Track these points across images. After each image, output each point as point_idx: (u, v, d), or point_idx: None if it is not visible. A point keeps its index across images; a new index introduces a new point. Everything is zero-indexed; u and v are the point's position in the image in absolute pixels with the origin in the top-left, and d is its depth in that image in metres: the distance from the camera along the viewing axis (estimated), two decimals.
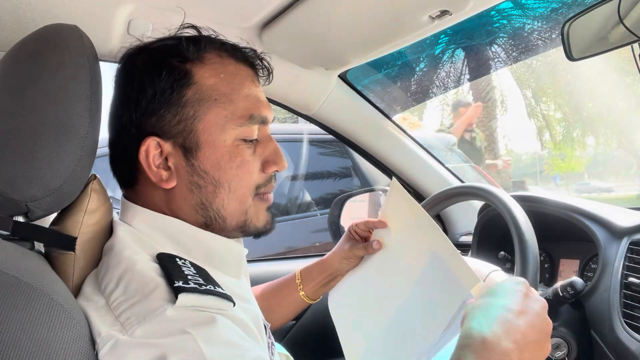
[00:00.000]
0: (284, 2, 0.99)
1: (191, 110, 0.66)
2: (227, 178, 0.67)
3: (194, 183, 0.67)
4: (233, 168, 0.67)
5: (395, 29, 1.06)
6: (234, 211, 0.69)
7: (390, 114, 1.51)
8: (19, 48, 0.67)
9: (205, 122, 0.66)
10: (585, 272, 1.13)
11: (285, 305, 1.01)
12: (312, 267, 1.01)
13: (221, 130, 0.67)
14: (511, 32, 8.33)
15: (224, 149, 0.67)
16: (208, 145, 0.66)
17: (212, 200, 0.68)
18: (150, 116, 0.66)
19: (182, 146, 0.66)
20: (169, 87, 0.65)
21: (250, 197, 0.70)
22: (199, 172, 0.67)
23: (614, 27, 0.90)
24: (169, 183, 0.67)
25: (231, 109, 0.67)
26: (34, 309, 0.52)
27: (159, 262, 0.60)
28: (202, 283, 0.58)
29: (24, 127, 0.60)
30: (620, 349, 0.86)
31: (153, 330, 0.52)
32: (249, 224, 0.71)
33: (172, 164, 0.67)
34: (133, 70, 0.68)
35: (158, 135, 0.66)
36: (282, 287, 1.02)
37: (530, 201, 1.12)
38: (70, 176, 0.62)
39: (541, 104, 10.77)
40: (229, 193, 0.68)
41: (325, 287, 1.01)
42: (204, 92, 0.66)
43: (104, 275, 0.61)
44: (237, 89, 0.68)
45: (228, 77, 0.68)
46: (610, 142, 10.75)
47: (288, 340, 1.40)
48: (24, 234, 0.64)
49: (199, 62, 0.67)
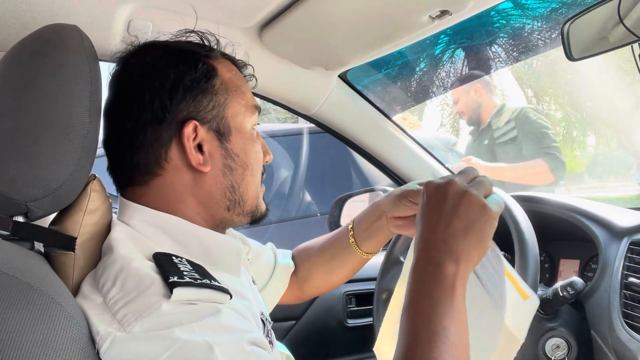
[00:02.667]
0: (284, 2, 0.99)
1: (222, 98, 0.71)
2: (251, 162, 0.74)
3: (227, 166, 0.72)
4: (255, 152, 0.75)
5: (395, 29, 1.06)
6: (252, 195, 0.75)
7: (390, 114, 1.51)
8: (19, 48, 0.67)
9: (232, 109, 0.72)
10: (585, 272, 1.13)
11: (341, 261, 0.97)
12: (366, 213, 0.95)
13: (243, 117, 0.73)
14: (511, 32, 8.32)
15: (247, 134, 0.74)
16: (236, 131, 0.72)
17: (241, 183, 0.73)
18: (187, 103, 0.69)
19: (217, 131, 0.71)
20: (203, 77, 0.70)
21: (260, 182, 0.77)
22: (232, 155, 0.72)
23: (614, 27, 0.90)
24: (205, 167, 0.70)
25: (245, 100, 0.74)
26: (34, 309, 0.52)
27: (155, 261, 0.60)
28: (198, 277, 0.58)
29: (24, 127, 0.60)
30: (620, 349, 0.86)
31: (150, 325, 0.53)
32: (258, 209, 0.77)
33: (206, 149, 0.69)
34: (163, 61, 0.70)
35: (196, 120, 0.69)
36: (335, 243, 0.97)
37: (530, 201, 1.12)
38: (70, 176, 0.62)
39: (541, 103, 10.77)
40: (252, 177, 0.74)
41: (379, 241, 0.94)
42: (226, 83, 0.73)
43: (101, 274, 0.61)
44: (242, 84, 0.76)
45: (236, 73, 0.76)
46: (610, 142, 10.74)
47: (288, 340, 1.40)
48: (23, 234, 0.64)
49: (215, 59, 0.74)
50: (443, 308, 0.54)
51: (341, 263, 0.97)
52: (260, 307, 0.76)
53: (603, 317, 0.92)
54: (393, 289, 1.15)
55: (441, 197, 0.61)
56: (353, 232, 0.95)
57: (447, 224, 0.59)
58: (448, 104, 10.96)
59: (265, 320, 0.74)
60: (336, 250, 0.97)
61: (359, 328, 1.49)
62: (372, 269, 1.25)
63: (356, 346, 1.48)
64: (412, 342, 0.53)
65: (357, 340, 1.48)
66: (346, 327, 1.49)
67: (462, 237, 0.58)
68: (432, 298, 0.55)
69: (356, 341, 1.48)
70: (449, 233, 0.58)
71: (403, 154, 1.54)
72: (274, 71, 1.26)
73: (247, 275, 0.80)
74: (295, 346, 1.37)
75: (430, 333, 0.52)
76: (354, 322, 1.50)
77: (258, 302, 0.78)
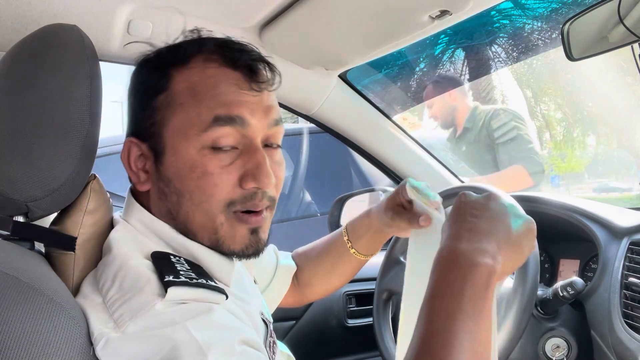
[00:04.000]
0: (284, 2, 0.99)
1: (159, 115, 0.65)
2: (188, 189, 0.63)
3: (160, 190, 0.66)
4: (193, 179, 0.62)
5: (395, 29, 1.06)
6: (203, 226, 0.64)
7: (390, 114, 1.51)
8: (19, 48, 0.67)
9: (171, 127, 0.64)
10: (585, 272, 1.13)
11: (341, 265, 0.96)
12: (358, 222, 0.94)
13: (183, 137, 0.63)
14: (511, 32, 8.32)
15: (186, 157, 0.62)
16: (172, 152, 0.64)
17: (178, 211, 0.64)
18: (133, 118, 0.68)
19: (153, 150, 0.66)
20: (149, 90, 0.66)
21: (220, 213, 0.63)
22: (163, 178, 0.65)
23: (614, 27, 0.90)
24: (143, 186, 0.67)
25: (195, 112, 0.62)
26: (34, 310, 0.52)
27: (152, 260, 0.60)
28: (194, 277, 0.58)
29: (24, 127, 0.60)
30: (621, 349, 0.86)
31: (144, 324, 0.52)
32: (223, 244, 0.65)
33: (148, 167, 0.67)
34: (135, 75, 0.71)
35: (137, 137, 0.67)
36: (332, 247, 0.97)
37: (530, 201, 1.12)
38: (70, 176, 0.63)
39: (541, 103, 10.76)
40: (193, 205, 0.63)
41: (375, 243, 0.95)
42: (173, 95, 0.64)
43: (101, 273, 0.61)
44: (206, 91, 0.63)
45: (202, 80, 0.64)
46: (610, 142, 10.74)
47: (289, 339, 1.40)
48: (24, 234, 0.64)
49: (182, 65, 0.65)
50: (472, 309, 0.49)
51: (341, 266, 0.97)
52: (260, 308, 0.75)
53: (603, 317, 0.92)
54: (393, 289, 1.15)
55: (488, 204, 0.59)
56: (348, 237, 0.95)
57: (490, 227, 0.56)
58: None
59: (266, 320, 0.74)
60: (335, 255, 0.97)
61: (359, 328, 1.49)
62: (372, 269, 1.25)
63: (356, 346, 1.48)
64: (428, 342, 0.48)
65: (357, 340, 1.48)
66: (346, 327, 1.49)
67: (505, 243, 0.55)
68: (460, 296, 0.50)
69: (356, 341, 1.48)
70: (492, 236, 0.55)
71: (403, 153, 1.54)
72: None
73: (249, 276, 0.79)
74: (295, 346, 1.37)
75: (450, 335, 0.47)
76: (354, 322, 1.50)
77: (258, 302, 0.77)
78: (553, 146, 11.11)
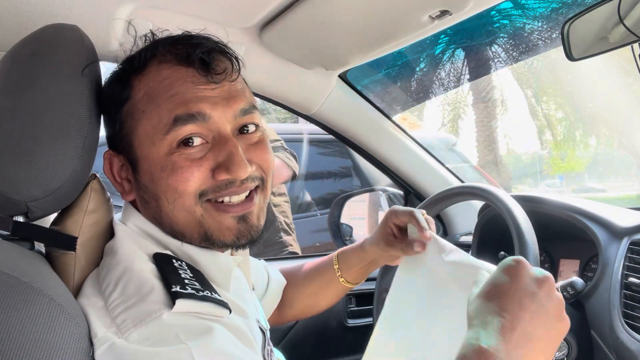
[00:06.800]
0: (284, 2, 0.99)
1: (126, 126, 0.65)
2: (161, 189, 0.63)
3: (142, 198, 0.67)
4: (164, 178, 0.62)
5: (395, 29, 1.06)
6: (187, 224, 0.64)
7: (390, 114, 1.51)
8: (19, 48, 0.67)
9: (138, 137, 0.64)
10: (585, 272, 1.13)
11: (327, 290, 0.98)
12: (351, 254, 0.96)
13: (151, 144, 0.63)
14: (511, 32, 8.33)
15: (157, 161, 0.62)
16: (144, 160, 0.64)
17: (160, 215, 0.65)
18: (107, 131, 0.69)
19: (129, 160, 0.66)
20: (115, 102, 0.66)
21: (195, 205, 0.63)
22: (142, 187, 0.65)
23: (614, 27, 0.90)
24: (128, 195, 0.68)
25: (157, 117, 0.62)
26: (34, 310, 0.52)
27: (156, 263, 0.60)
28: (200, 288, 0.58)
29: (24, 127, 0.60)
30: (621, 349, 0.86)
31: (148, 334, 0.52)
32: (212, 237, 0.64)
33: (130, 177, 0.67)
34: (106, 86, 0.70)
35: (114, 150, 0.68)
36: (321, 272, 0.99)
37: (530, 201, 1.12)
38: (70, 176, 0.62)
39: (542, 103, 10.76)
40: (170, 205, 0.63)
41: (366, 274, 0.97)
42: (136, 104, 0.64)
43: (104, 276, 0.61)
44: (162, 93, 0.62)
45: (157, 83, 0.63)
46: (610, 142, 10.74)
47: (287, 341, 1.40)
48: (24, 234, 0.64)
49: (140, 73, 0.65)
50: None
51: (326, 292, 0.99)
52: (256, 315, 0.75)
53: (603, 317, 0.92)
54: None
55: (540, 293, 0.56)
56: (338, 265, 0.96)
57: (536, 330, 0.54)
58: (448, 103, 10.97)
59: (262, 328, 0.73)
60: (322, 281, 0.98)
61: (359, 328, 1.49)
62: None
63: (356, 346, 1.48)
64: None
65: (357, 340, 1.48)
66: (346, 327, 1.49)
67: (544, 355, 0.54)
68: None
69: (356, 341, 1.48)
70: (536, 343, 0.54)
71: (403, 153, 1.54)
72: (273, 71, 1.26)
73: (245, 282, 0.78)
74: (295, 346, 1.37)
75: None
76: (354, 322, 1.50)
77: (255, 309, 0.76)
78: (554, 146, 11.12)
